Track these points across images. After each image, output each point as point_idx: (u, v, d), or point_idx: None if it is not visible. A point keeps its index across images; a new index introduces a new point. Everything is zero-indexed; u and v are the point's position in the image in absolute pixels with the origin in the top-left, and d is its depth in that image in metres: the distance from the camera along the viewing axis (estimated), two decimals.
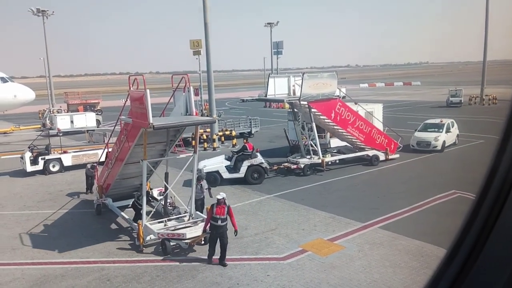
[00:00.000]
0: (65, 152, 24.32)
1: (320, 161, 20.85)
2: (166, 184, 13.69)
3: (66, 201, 18.14)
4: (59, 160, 23.55)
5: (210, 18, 27.42)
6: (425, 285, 1.53)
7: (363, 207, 15.33)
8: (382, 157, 22.42)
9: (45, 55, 53.43)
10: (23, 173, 23.05)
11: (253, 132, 33.33)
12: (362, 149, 22.30)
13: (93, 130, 34.64)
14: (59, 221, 15.58)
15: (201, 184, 14.43)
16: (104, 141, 28.21)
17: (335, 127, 21.58)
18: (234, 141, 29.54)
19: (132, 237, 13.53)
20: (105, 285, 10.55)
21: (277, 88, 20.76)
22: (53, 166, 23.39)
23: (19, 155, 23.83)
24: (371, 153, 22.26)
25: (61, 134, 27.98)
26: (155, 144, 13.08)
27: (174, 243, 12.12)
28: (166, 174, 13.96)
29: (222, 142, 29.91)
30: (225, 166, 19.42)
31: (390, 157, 22.64)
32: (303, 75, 20.26)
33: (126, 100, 13.47)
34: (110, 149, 15.83)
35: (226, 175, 19.22)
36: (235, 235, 11.51)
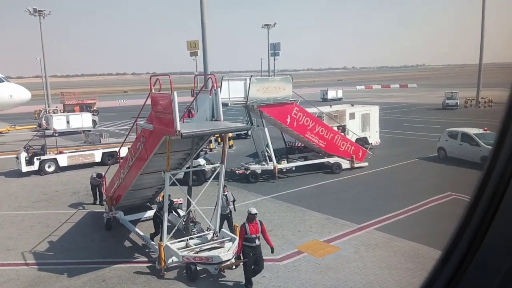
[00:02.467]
0: (60, 152, 24.23)
1: (272, 168, 19.98)
2: (189, 198, 12.08)
3: (61, 201, 18.07)
4: (54, 160, 23.46)
5: (208, 19, 27.42)
6: (420, 286, 1.53)
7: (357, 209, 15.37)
8: (346, 165, 21.47)
9: (41, 55, 53.31)
10: (18, 173, 22.94)
11: (249, 133, 33.33)
12: (331, 156, 21.38)
13: (89, 131, 34.56)
14: (54, 222, 15.50)
15: (226, 196, 12.74)
16: (100, 142, 28.18)
17: (294, 132, 20.82)
18: (231, 142, 29.52)
19: (139, 247, 12.59)
20: (100, 285, 10.51)
21: (233, 92, 19.19)
22: (49, 167, 23.29)
23: (15, 155, 23.72)
24: (332, 160, 21.36)
25: (57, 135, 27.90)
26: (174, 153, 11.55)
27: (201, 267, 10.62)
28: (190, 187, 12.34)
29: (219, 143, 29.89)
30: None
31: (357, 165, 21.65)
32: (250, 78, 19.40)
33: (145, 102, 12.29)
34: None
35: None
36: (272, 253, 10.30)
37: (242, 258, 9.92)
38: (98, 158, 24.60)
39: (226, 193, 12.69)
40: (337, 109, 26.58)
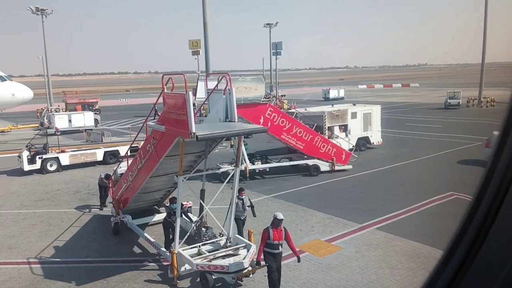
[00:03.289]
0: (62, 151, 24.28)
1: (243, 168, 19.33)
2: (202, 203, 11.62)
3: (63, 200, 18.11)
4: (56, 159, 23.50)
5: (210, 18, 27.41)
6: (421, 286, 1.53)
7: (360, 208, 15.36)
8: (326, 167, 20.94)
9: (43, 54, 53.36)
10: (20, 172, 23.00)
11: None
12: (310, 158, 20.85)
13: (91, 130, 34.61)
14: (56, 220, 15.54)
15: (243, 200, 12.11)
16: (102, 141, 28.23)
17: (270, 134, 20.12)
18: (232, 141, 29.49)
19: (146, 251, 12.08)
20: (102, 284, 10.53)
21: (206, 92, 19.37)
22: (51, 165, 23.33)
23: (17, 154, 23.77)
24: (310, 162, 20.83)
25: (59, 133, 27.94)
26: (186, 155, 10.93)
27: (216, 276, 10.02)
28: (202, 191, 11.90)
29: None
30: None
31: (338, 168, 21.09)
32: (219, 79, 19.29)
33: (156, 102, 12.16)
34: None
35: None
36: (298, 262, 9.71)
37: (262, 263, 9.49)
38: (100, 157, 24.64)
39: (243, 196, 12.10)
40: (339, 109, 26.54)
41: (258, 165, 20.56)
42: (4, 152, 25.69)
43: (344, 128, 25.97)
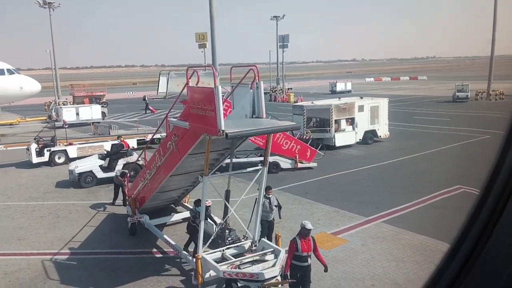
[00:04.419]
0: (70, 144, 24.44)
1: None
2: (227, 204, 10.80)
3: (71, 192, 18.28)
4: (64, 152, 23.67)
5: (216, 11, 27.31)
6: (428, 279, 1.53)
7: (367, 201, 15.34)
8: (288, 165, 20.37)
9: (51, 47, 53.55)
10: (29, 165, 23.21)
11: None
12: (273, 154, 19.62)
13: (99, 123, 34.74)
14: (64, 212, 15.70)
15: (269, 199, 11.42)
16: (109, 134, 28.37)
17: None
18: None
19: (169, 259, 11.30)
20: (110, 275, 10.65)
21: (172, 86, 18.38)
22: (59, 158, 23.52)
23: (25, 147, 23.97)
24: (271, 159, 19.69)
25: (66, 126, 28.08)
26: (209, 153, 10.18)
27: (242, 284, 9.21)
28: (227, 192, 11.13)
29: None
30: (99, 166, 18.98)
31: (305, 165, 20.60)
32: (168, 73, 18.66)
33: (179, 95, 11.84)
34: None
35: (100, 174, 18.86)
36: (326, 271, 8.92)
37: (289, 278, 8.69)
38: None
39: (270, 195, 11.41)
40: (346, 102, 26.45)
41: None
42: (12, 145, 25.85)
43: (351, 121, 25.90)
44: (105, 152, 20.48)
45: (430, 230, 12.11)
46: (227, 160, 11.18)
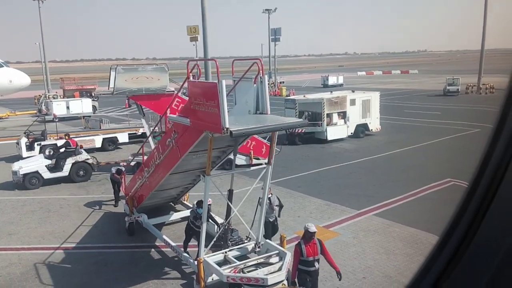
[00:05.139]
0: (61, 138, 24.23)
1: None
2: (230, 204, 10.34)
3: (62, 187, 18.17)
4: (55, 145, 23.46)
5: (208, 3, 27.14)
6: (417, 271, 1.55)
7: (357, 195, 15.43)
8: (242, 161, 19.46)
9: (40, 40, 52.93)
10: (19, 159, 22.94)
11: None
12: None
13: (89, 116, 34.50)
14: (55, 207, 15.60)
15: (270, 199, 10.87)
16: (100, 127, 28.19)
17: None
18: None
19: (172, 263, 10.86)
20: (102, 270, 10.63)
21: (119, 82, 17.75)
22: (49, 152, 23.30)
23: (15, 141, 23.73)
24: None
25: (57, 120, 27.85)
26: (207, 151, 9.45)
27: None
28: (230, 192, 10.61)
29: None
30: (46, 166, 18.30)
31: (260, 161, 19.25)
32: (116, 68, 17.89)
33: (179, 90, 11.60)
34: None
35: (47, 175, 18.18)
36: (339, 279, 8.34)
37: (297, 284, 8.32)
38: (98, 144, 24.70)
39: (270, 195, 10.80)
40: (337, 95, 26.51)
41: None
42: (2, 139, 25.64)
43: (343, 115, 25.98)
44: (51, 151, 19.87)
45: (420, 223, 12.23)
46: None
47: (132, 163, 18.43)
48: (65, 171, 18.45)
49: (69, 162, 18.47)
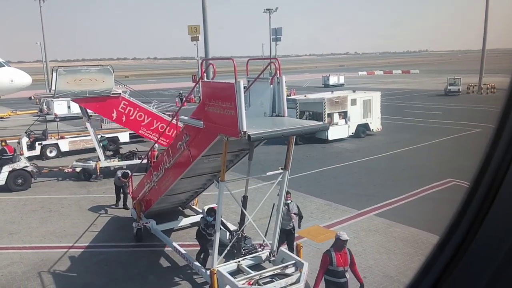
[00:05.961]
0: (62, 137, 24.29)
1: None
2: (244, 211, 9.67)
3: (63, 186, 18.19)
4: (56, 145, 23.52)
5: (209, 3, 27.14)
6: (417, 271, 1.55)
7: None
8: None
9: (42, 40, 52.99)
10: None
11: None
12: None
13: (90, 116, 34.49)
14: (57, 206, 15.62)
15: (288, 205, 10.36)
16: (101, 127, 28.19)
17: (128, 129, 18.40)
18: None
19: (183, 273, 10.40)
20: (103, 269, 10.64)
21: (61, 84, 17.25)
22: (50, 151, 23.36)
23: (16, 140, 23.77)
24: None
25: (58, 120, 27.88)
26: (219, 155, 9.03)
27: None
28: (245, 198, 9.97)
29: None
30: None
31: None
32: (57, 70, 17.40)
33: (192, 90, 11.47)
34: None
35: None
36: None
37: None
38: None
39: (289, 201, 10.39)
40: (338, 95, 26.50)
41: (110, 163, 19.21)
42: (3, 138, 25.60)
43: (344, 115, 25.98)
44: None
45: (421, 223, 12.22)
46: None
47: (78, 170, 18.57)
48: (1, 179, 17.29)
49: (5, 170, 17.31)
